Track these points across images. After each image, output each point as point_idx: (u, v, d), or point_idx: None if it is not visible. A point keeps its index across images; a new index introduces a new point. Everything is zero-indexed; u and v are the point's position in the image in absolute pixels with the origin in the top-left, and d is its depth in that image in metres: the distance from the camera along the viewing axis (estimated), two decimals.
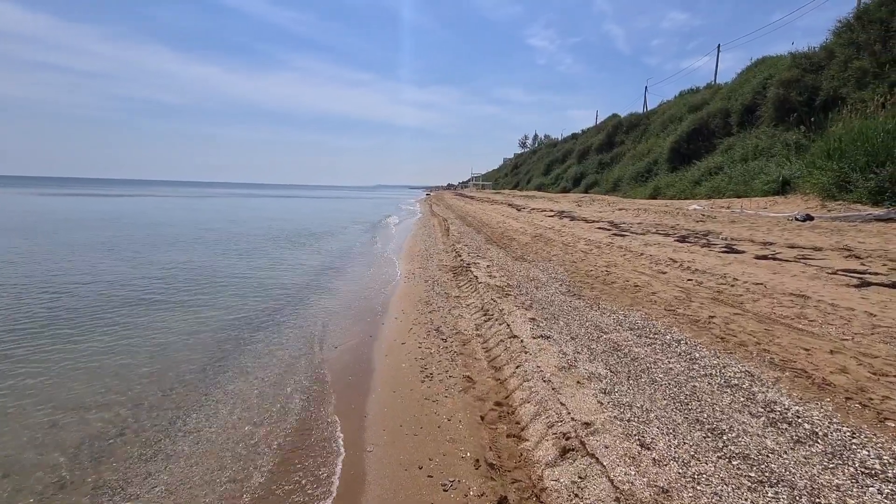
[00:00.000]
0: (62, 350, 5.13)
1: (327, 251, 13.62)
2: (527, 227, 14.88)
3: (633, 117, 33.57)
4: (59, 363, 4.76)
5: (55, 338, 5.51)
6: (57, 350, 5.13)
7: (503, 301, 5.79)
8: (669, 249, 8.86)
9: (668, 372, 3.76)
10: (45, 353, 5.05)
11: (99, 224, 19.64)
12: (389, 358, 4.70)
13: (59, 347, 5.21)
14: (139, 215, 25.27)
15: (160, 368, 4.74)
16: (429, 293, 7.29)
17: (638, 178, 26.36)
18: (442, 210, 30.04)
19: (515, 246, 11.42)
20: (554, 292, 6.53)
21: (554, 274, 7.79)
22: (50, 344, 5.31)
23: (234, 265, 10.77)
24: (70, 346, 5.27)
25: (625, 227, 12.54)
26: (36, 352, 5.07)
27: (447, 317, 5.95)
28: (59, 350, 5.13)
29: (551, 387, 3.32)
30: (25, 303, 7.04)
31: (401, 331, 5.56)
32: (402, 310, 6.53)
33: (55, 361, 4.81)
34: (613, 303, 5.91)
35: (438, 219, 22.39)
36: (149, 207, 32.62)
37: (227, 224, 21.51)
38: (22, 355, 4.96)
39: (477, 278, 7.22)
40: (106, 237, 15.02)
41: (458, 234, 13.81)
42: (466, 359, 4.43)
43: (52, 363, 4.76)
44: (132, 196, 51.70)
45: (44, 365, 4.70)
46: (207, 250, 12.86)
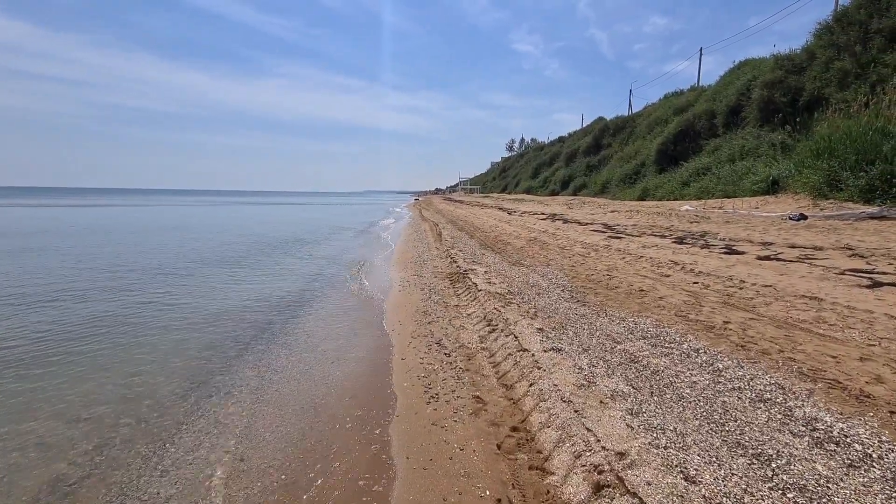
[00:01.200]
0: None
1: (316, 259, 13.17)
2: (520, 230, 14.61)
3: (620, 120, 33.67)
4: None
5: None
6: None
7: (507, 310, 5.46)
8: (669, 251, 8.63)
9: (693, 386, 3.46)
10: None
11: (87, 235, 18.89)
12: (390, 376, 4.33)
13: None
14: (125, 225, 24.49)
15: (135, 395, 4.32)
16: (426, 302, 6.94)
17: (626, 180, 26.34)
18: (432, 215, 29.70)
19: (511, 250, 11.13)
20: (557, 299, 6.23)
21: (554, 279, 7.49)
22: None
23: (218, 276, 10.30)
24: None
25: (619, 229, 12.33)
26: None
27: (448, 328, 5.60)
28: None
29: (572, 408, 2.99)
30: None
31: (399, 344, 5.20)
32: (398, 321, 6.16)
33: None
34: (620, 309, 5.62)
35: (429, 224, 22.04)
36: (139, 217, 31.70)
37: (218, 233, 20.90)
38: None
39: (476, 286, 6.88)
40: (98, 247, 14.40)
41: (452, 240, 13.48)
42: (474, 376, 4.08)
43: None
44: (116, 206, 50.36)
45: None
46: (196, 259, 12.35)
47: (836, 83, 17.05)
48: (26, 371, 4.81)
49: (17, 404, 4.07)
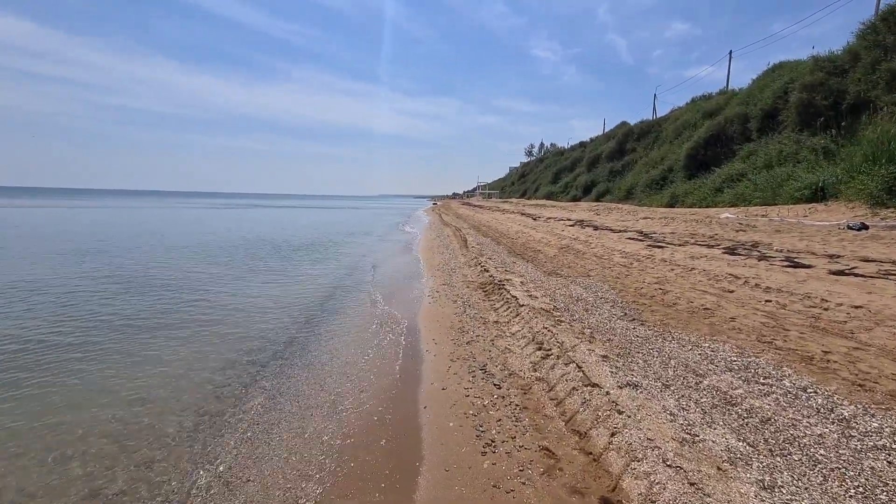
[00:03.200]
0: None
1: (337, 266, 12.60)
2: (549, 237, 13.82)
3: (644, 124, 32.53)
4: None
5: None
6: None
7: (558, 330, 4.73)
8: (723, 263, 7.77)
9: (821, 443, 2.69)
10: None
11: (110, 235, 18.72)
12: (430, 411, 3.63)
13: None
14: (139, 226, 24.39)
15: (145, 423, 3.72)
16: (461, 317, 6.24)
17: (653, 186, 25.27)
18: (452, 219, 29.03)
19: (543, 259, 10.37)
20: (609, 316, 5.47)
21: (599, 292, 6.72)
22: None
23: (239, 283, 9.79)
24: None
25: (658, 237, 11.45)
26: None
27: (491, 350, 4.88)
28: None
29: (685, 478, 2.26)
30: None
31: (437, 370, 4.50)
32: (432, 339, 5.47)
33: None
34: (687, 330, 4.84)
35: (452, 229, 21.37)
36: (152, 219, 31.75)
37: (238, 236, 20.57)
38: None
39: (517, 299, 6.16)
40: (125, 249, 14.10)
41: (478, 246, 12.77)
42: (534, 416, 3.36)
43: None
44: (137, 208, 50.88)
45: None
46: (220, 265, 11.91)
47: (884, 85, 15.87)
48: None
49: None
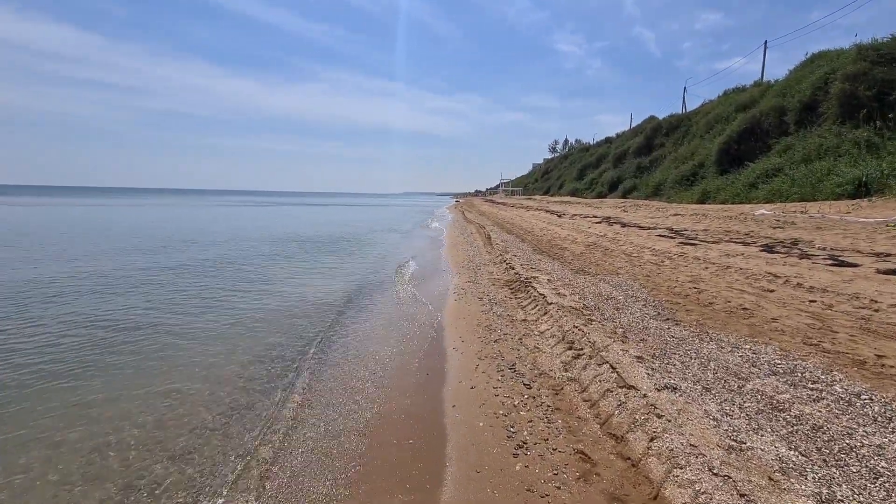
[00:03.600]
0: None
1: (363, 262, 12.65)
2: (575, 234, 13.56)
3: (674, 119, 31.57)
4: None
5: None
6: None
7: (589, 329, 4.59)
8: (761, 262, 7.43)
9: (881, 454, 2.50)
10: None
11: (164, 234, 19.34)
12: (459, 411, 3.56)
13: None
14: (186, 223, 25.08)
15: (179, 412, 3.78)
16: (488, 315, 6.15)
17: (682, 182, 24.52)
18: (476, 216, 28.89)
19: (569, 256, 10.17)
20: (642, 315, 5.29)
21: (630, 291, 6.53)
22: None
23: (257, 282, 9.93)
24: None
25: (689, 234, 11.08)
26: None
27: (519, 349, 4.78)
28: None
29: (734, 488, 2.13)
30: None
31: (465, 368, 4.43)
32: (459, 337, 5.40)
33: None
34: (726, 331, 4.63)
35: (475, 226, 21.26)
36: (201, 217, 32.63)
37: (271, 234, 20.95)
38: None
39: (545, 297, 6.02)
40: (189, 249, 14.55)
41: (503, 244, 12.62)
42: (567, 418, 3.25)
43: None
44: (179, 207, 52.42)
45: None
46: (255, 258, 12.13)
47: None
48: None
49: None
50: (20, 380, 4.44)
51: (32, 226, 22.04)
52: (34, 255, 12.23)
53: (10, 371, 4.65)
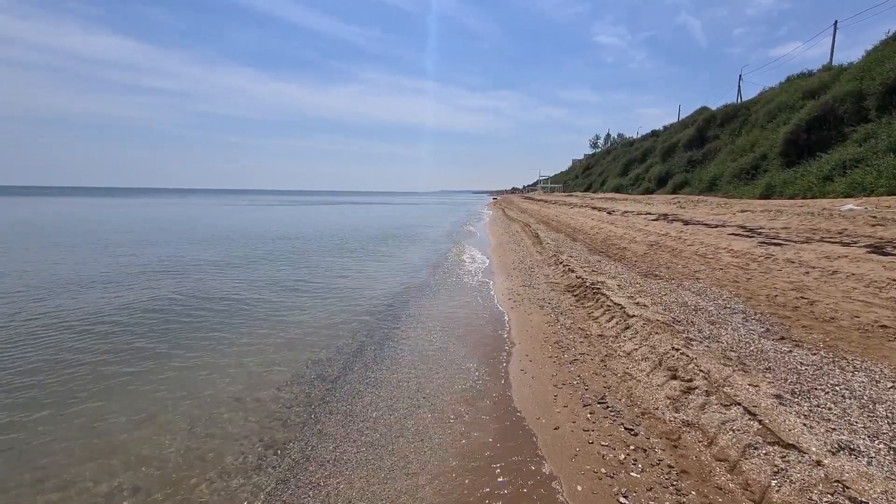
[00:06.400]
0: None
1: (406, 265, 12.02)
2: (632, 233, 12.41)
3: (729, 109, 29.18)
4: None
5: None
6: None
7: (694, 352, 3.69)
8: (876, 266, 6.20)
9: None
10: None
11: (216, 232, 19.65)
12: (545, 464, 2.78)
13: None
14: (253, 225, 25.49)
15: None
16: (554, 327, 5.32)
17: (742, 176, 22.54)
18: (517, 214, 27.85)
19: (631, 257, 9.13)
20: (748, 333, 4.32)
21: (720, 300, 5.52)
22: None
23: (292, 291, 9.48)
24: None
25: (769, 233, 9.76)
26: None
27: (605, 374, 3.94)
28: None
29: None
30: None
31: (541, 398, 3.65)
32: (526, 355, 4.62)
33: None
34: (870, 357, 3.61)
35: (519, 224, 20.30)
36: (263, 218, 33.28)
37: (318, 231, 20.84)
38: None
39: (621, 308, 5.14)
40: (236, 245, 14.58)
41: (553, 243, 11.67)
42: (703, 488, 2.40)
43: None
44: (227, 206, 54.03)
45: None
46: (299, 260, 11.81)
47: None
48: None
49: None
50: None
51: (137, 221, 22.91)
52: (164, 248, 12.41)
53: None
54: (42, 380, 4.38)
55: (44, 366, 4.72)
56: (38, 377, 4.44)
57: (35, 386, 4.25)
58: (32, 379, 4.39)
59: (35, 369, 4.62)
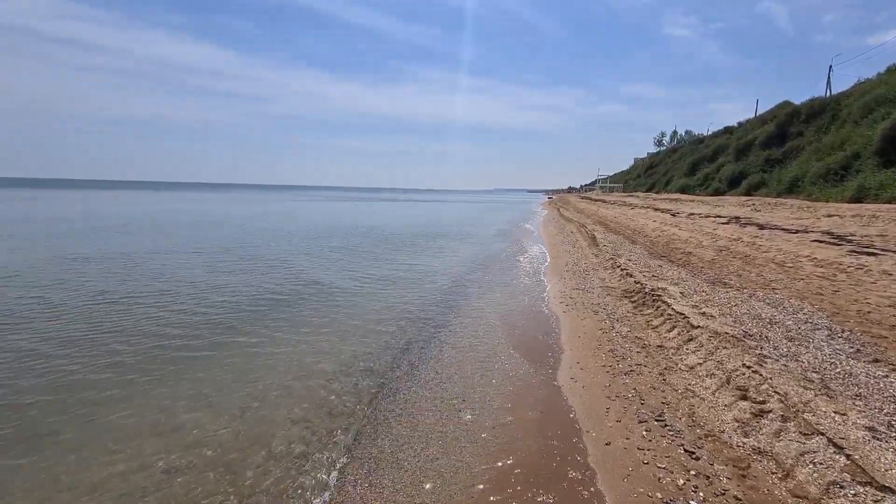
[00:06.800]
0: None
1: (455, 262, 11.97)
2: (698, 236, 11.58)
3: (815, 103, 26.44)
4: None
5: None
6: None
7: (769, 372, 3.33)
8: None
9: None
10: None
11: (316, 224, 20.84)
12: (594, 484, 2.60)
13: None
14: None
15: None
16: (609, 335, 5.05)
17: (828, 177, 20.41)
18: (573, 214, 27.00)
19: (697, 262, 8.50)
20: (833, 353, 3.84)
21: (800, 314, 4.97)
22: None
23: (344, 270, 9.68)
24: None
25: (860, 240, 8.73)
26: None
27: (663, 388, 3.67)
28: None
29: None
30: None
31: (592, 410, 3.45)
32: (577, 362, 4.40)
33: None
34: None
35: (574, 224, 19.65)
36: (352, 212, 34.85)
37: (372, 226, 21.42)
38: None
39: (685, 317, 4.77)
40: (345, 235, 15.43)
41: (611, 245, 11.16)
42: None
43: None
44: (308, 201, 56.82)
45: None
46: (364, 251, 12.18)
47: None
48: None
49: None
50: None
51: (231, 216, 24.94)
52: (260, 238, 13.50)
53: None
54: (122, 359, 4.78)
55: (125, 347, 5.16)
56: (119, 356, 4.85)
57: (117, 364, 4.64)
58: (117, 358, 4.80)
59: (119, 350, 5.06)
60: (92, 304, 6.85)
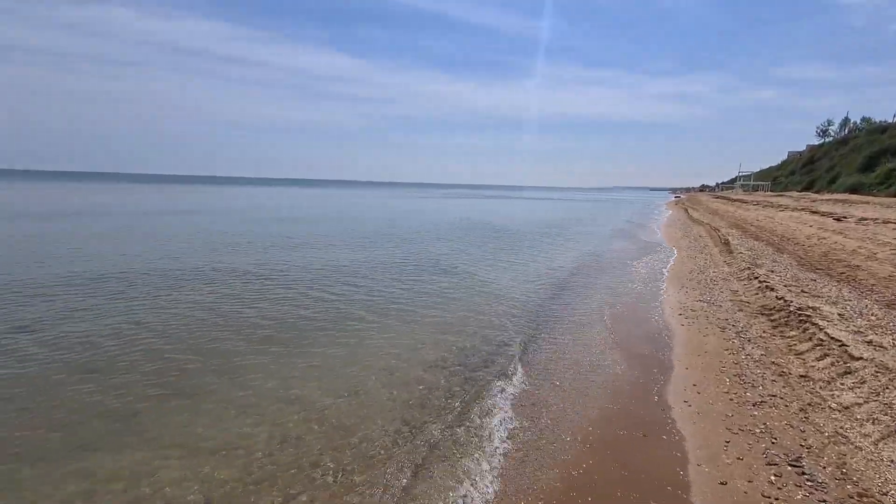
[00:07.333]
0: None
1: (569, 257, 11.43)
2: (871, 246, 9.45)
3: None
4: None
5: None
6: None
7: None
8: None
9: None
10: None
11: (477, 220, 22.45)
12: None
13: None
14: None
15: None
16: (737, 357, 4.37)
17: None
18: (704, 215, 24.09)
19: (866, 278, 6.94)
20: None
21: None
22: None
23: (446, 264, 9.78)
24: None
25: None
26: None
27: (804, 428, 3.05)
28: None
29: None
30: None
31: (706, 441, 3.01)
32: (692, 384, 3.89)
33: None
34: None
35: (705, 227, 17.53)
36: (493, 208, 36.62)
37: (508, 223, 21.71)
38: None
39: (843, 345, 3.92)
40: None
41: (749, 252, 9.69)
42: None
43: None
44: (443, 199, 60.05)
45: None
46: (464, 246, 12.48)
47: None
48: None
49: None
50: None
51: (367, 209, 28.09)
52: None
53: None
54: (239, 335, 5.50)
55: (245, 323, 5.93)
56: (239, 333, 5.59)
57: (231, 339, 5.36)
58: (234, 334, 5.55)
59: (242, 324, 5.84)
60: (242, 280, 8.04)
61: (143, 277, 8.14)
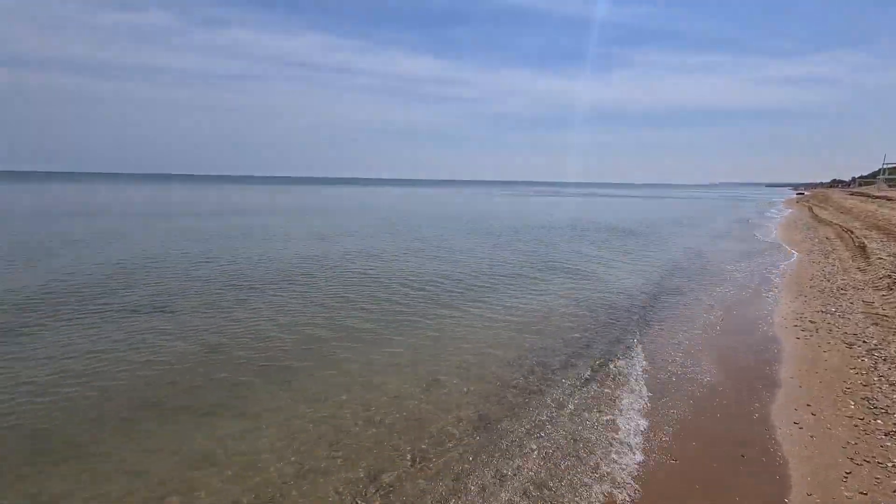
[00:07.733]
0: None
1: (670, 257, 10.61)
2: None
3: None
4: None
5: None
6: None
7: None
8: None
9: None
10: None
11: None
12: None
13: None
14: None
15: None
16: (866, 377, 3.77)
17: None
18: (832, 215, 20.89)
19: None
20: None
21: None
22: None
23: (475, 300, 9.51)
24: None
25: None
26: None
27: None
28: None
29: None
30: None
31: (821, 468, 2.65)
32: (806, 403, 3.43)
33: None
34: None
35: (833, 228, 15.24)
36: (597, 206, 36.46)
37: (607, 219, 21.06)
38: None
39: None
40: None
41: (891, 258, 8.24)
42: None
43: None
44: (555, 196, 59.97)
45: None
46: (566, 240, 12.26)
47: None
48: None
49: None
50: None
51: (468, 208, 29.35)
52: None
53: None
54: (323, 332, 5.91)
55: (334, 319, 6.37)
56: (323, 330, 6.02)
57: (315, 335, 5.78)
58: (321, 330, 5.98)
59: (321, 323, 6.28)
60: (343, 273, 8.70)
61: (301, 268, 9.16)
